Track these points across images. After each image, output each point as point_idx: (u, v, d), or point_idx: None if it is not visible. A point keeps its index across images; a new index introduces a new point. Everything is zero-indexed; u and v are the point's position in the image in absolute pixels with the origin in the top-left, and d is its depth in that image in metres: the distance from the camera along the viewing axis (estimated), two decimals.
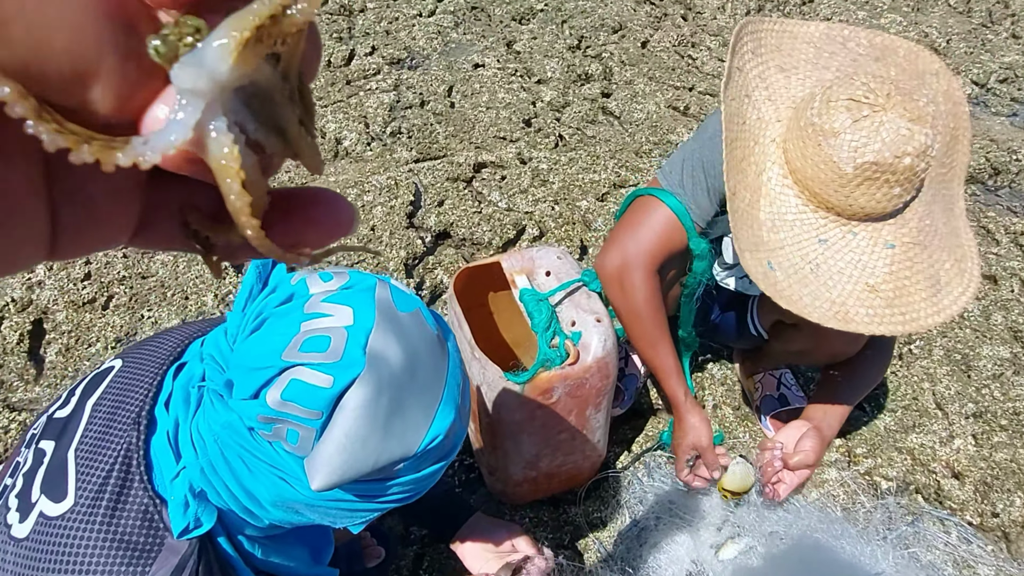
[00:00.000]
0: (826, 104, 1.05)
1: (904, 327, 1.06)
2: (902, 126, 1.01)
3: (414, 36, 3.11)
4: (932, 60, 1.22)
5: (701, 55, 3.25)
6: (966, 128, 1.22)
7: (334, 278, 0.80)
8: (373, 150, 2.54)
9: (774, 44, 1.19)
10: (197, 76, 0.19)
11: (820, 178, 1.05)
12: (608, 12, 3.44)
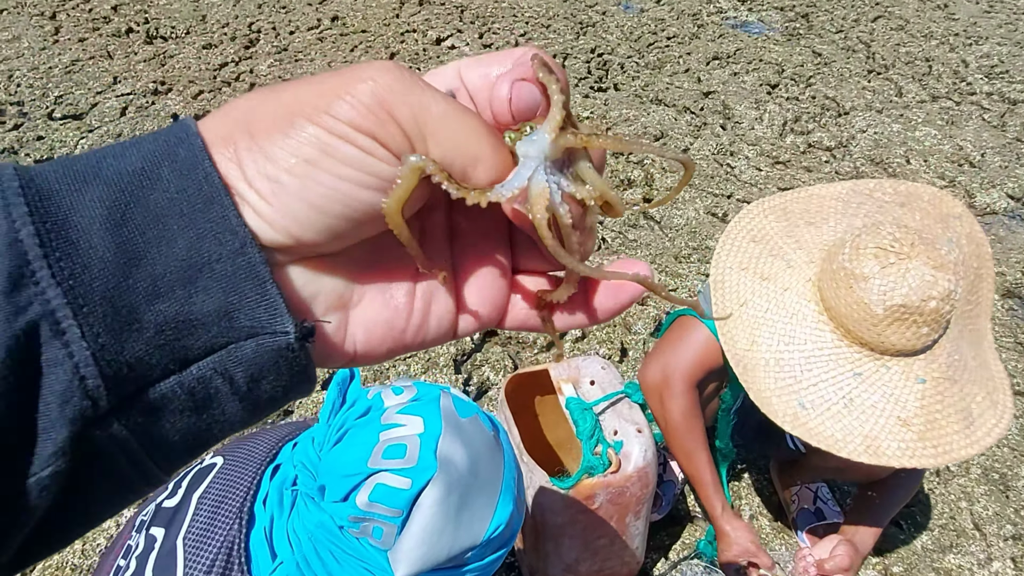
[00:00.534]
0: (856, 251, 1.17)
1: (936, 460, 1.13)
2: (927, 273, 1.12)
3: None
4: (955, 204, 1.34)
5: (739, 164, 3.42)
6: (989, 267, 1.32)
7: (404, 391, 0.95)
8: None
9: (801, 208, 1.33)
10: (529, 148, 0.31)
11: (854, 317, 1.16)
12: (650, 121, 3.66)
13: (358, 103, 0.28)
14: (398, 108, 0.28)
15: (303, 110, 0.28)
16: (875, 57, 4.68)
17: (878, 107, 4.06)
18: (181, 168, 0.27)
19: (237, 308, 0.28)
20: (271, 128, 0.28)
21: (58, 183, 0.26)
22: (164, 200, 0.27)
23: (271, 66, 3.78)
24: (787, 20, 5.19)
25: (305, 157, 0.28)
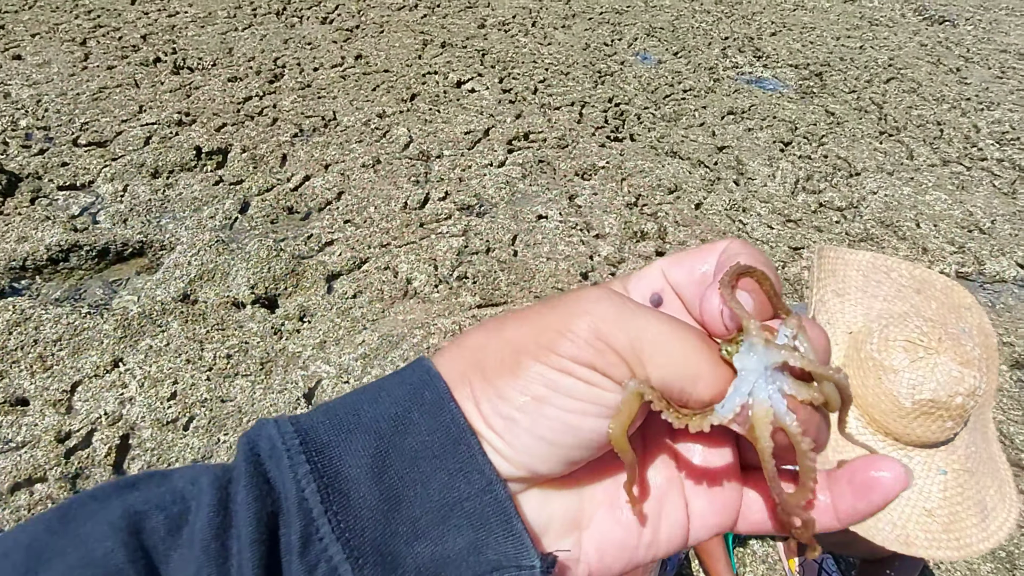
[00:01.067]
0: (885, 342, 1.19)
1: (959, 552, 1.13)
2: (954, 368, 1.13)
3: (484, 184, 3.41)
4: (965, 295, 1.36)
5: (751, 220, 3.46)
6: (995, 358, 1.33)
7: None
8: (440, 292, 2.74)
9: (828, 269, 1.35)
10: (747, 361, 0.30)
11: (881, 408, 1.17)
12: (665, 173, 3.71)
13: (577, 338, 0.30)
14: (615, 337, 0.30)
15: (528, 348, 0.31)
16: (887, 119, 4.75)
17: (889, 169, 4.11)
18: (429, 410, 0.31)
19: (485, 543, 0.30)
20: (501, 367, 0.31)
21: (327, 434, 0.30)
22: (418, 444, 0.30)
23: (294, 102, 3.86)
24: (801, 78, 5.28)
25: (534, 395, 0.30)
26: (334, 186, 3.22)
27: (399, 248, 2.92)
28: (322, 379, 2.33)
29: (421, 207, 3.20)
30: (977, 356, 1.16)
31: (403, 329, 2.54)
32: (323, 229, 2.97)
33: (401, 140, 3.65)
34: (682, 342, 0.31)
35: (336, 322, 2.55)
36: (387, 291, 2.71)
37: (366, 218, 3.07)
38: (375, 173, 3.37)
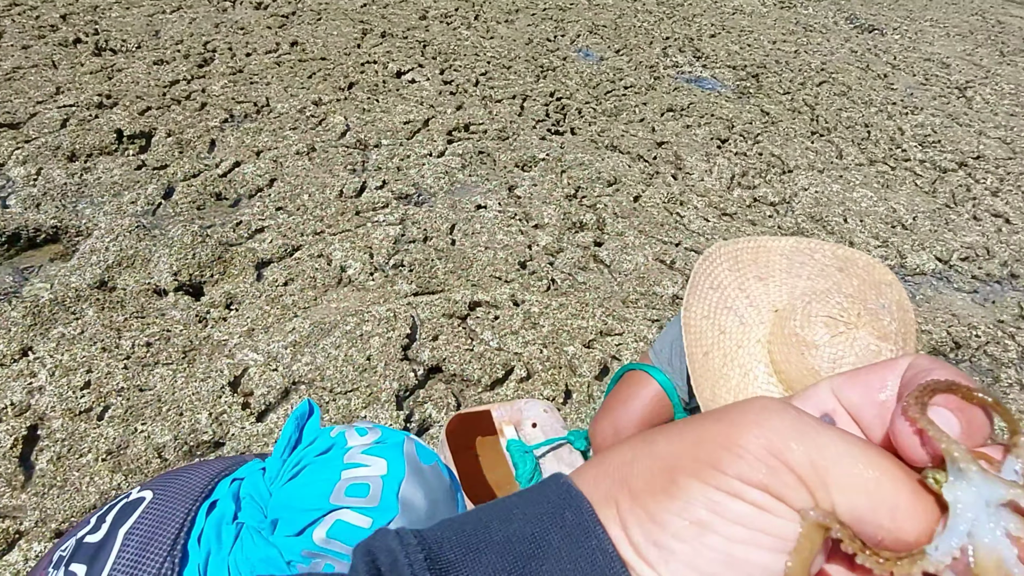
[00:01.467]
0: (807, 319, 1.20)
1: None
2: (872, 343, 1.15)
3: (423, 174, 3.35)
4: (886, 272, 1.39)
5: (688, 213, 3.50)
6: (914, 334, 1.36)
7: (368, 433, 0.94)
8: (375, 280, 2.68)
9: (750, 259, 1.36)
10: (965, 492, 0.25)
11: (803, 382, 1.18)
12: (604, 166, 3.73)
13: (747, 453, 0.26)
14: (792, 454, 0.25)
15: (685, 465, 0.27)
16: (818, 120, 4.90)
17: (820, 167, 4.24)
18: (571, 534, 0.27)
19: None
20: (653, 487, 0.27)
21: (453, 552, 0.27)
22: (556, 571, 0.26)
23: (225, 87, 3.73)
24: (739, 79, 5.40)
25: (694, 519, 0.26)
26: (266, 173, 3.12)
27: (333, 236, 2.85)
28: (249, 367, 2.24)
29: (357, 195, 3.13)
30: (894, 330, 1.18)
31: (336, 317, 2.46)
32: (253, 216, 2.86)
33: (338, 128, 3.56)
34: (876, 464, 0.26)
35: (265, 310, 2.46)
36: (320, 279, 2.63)
37: (299, 205, 2.98)
38: (310, 160, 3.28)
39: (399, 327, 2.43)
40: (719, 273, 1.34)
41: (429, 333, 2.47)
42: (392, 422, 2.15)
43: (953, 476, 0.25)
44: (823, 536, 0.25)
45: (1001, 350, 2.96)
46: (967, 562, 0.24)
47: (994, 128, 5.27)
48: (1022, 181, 4.49)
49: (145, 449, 1.97)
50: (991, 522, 0.25)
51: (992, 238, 3.80)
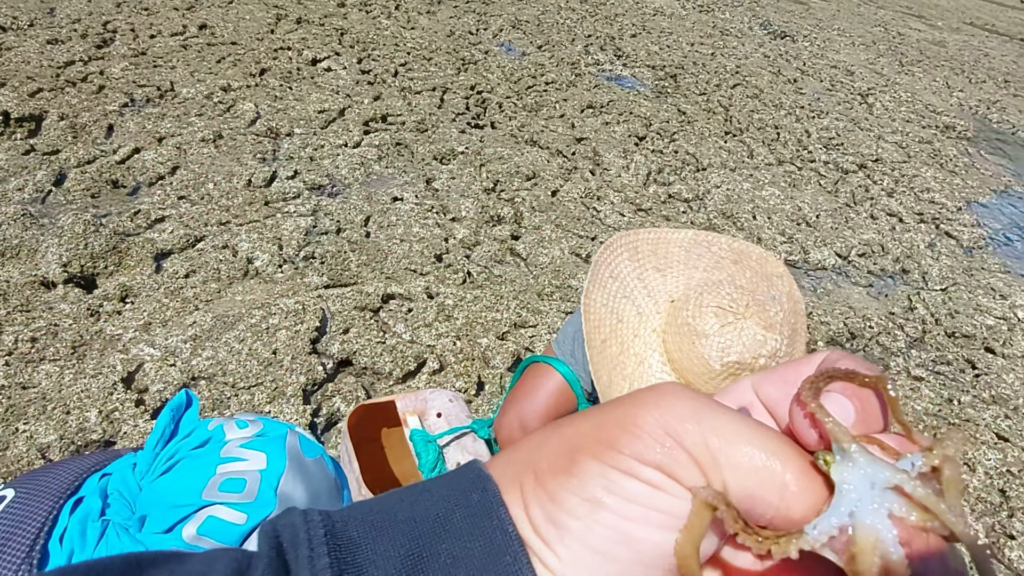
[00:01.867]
0: (699, 309, 1.23)
1: None
2: (758, 332, 1.19)
3: (337, 165, 3.28)
4: (778, 265, 1.44)
5: (604, 208, 3.56)
6: (803, 323, 1.42)
7: (249, 426, 0.90)
8: (284, 272, 2.60)
9: (650, 250, 1.38)
10: (851, 473, 0.25)
11: (694, 370, 1.21)
12: (523, 160, 3.75)
13: (643, 433, 0.26)
14: (687, 434, 0.26)
15: (585, 445, 0.27)
16: (732, 120, 5.08)
17: (732, 166, 4.39)
18: (475, 514, 0.27)
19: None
20: (555, 468, 0.28)
21: (356, 529, 0.27)
22: (456, 549, 0.26)
23: (125, 69, 3.53)
24: (657, 79, 5.53)
25: (588, 497, 0.26)
26: (168, 160, 2.98)
27: (240, 226, 2.74)
28: (145, 362, 2.13)
29: (267, 185, 3.03)
30: (780, 320, 1.23)
31: (241, 310, 2.37)
32: (153, 205, 2.73)
33: (247, 115, 3.44)
34: (765, 443, 0.26)
35: (164, 303, 2.35)
36: (224, 271, 2.53)
37: (204, 194, 2.85)
38: (216, 148, 3.15)
39: (308, 320, 2.36)
40: (619, 263, 1.36)
41: (340, 326, 2.41)
42: (298, 417, 2.09)
43: (840, 457, 0.26)
44: (712, 515, 0.25)
45: (891, 340, 3.14)
46: (845, 541, 0.25)
47: (891, 133, 5.59)
48: (915, 183, 4.78)
49: (27, 450, 1.84)
50: (875, 503, 0.25)
51: (887, 236, 4.03)
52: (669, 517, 0.26)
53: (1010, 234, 4.51)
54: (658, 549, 0.26)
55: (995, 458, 2.60)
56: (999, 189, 5.12)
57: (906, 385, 2.88)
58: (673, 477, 0.26)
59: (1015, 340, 3.34)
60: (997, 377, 3.05)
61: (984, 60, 8.85)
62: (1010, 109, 6.96)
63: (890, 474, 0.25)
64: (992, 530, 2.32)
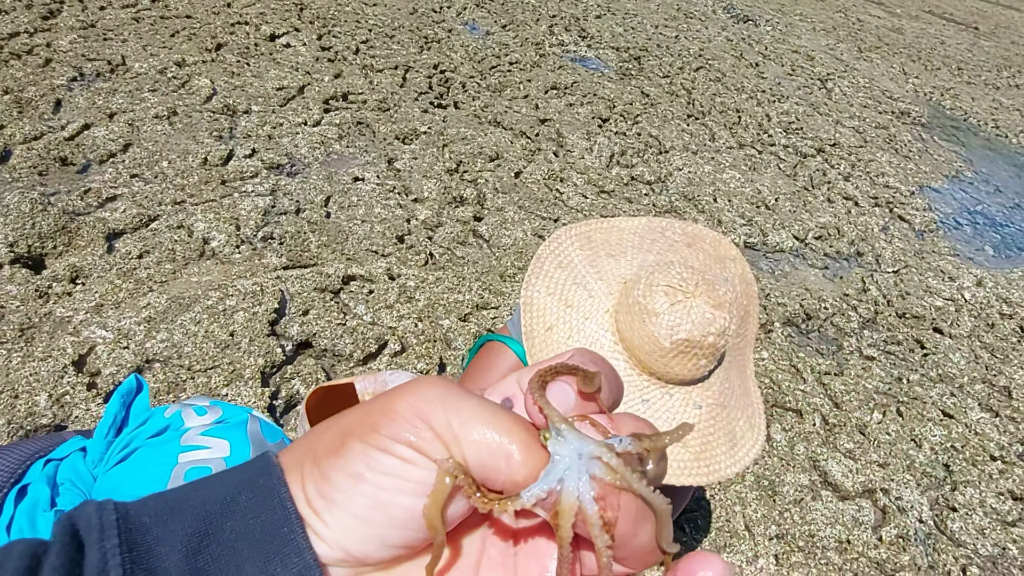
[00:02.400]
0: (649, 288, 1.24)
1: (707, 478, 1.22)
2: (707, 311, 1.20)
3: (296, 144, 3.22)
4: (730, 248, 1.47)
5: (568, 190, 3.57)
6: (755, 305, 1.45)
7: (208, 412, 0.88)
8: (242, 253, 2.56)
9: (603, 238, 1.39)
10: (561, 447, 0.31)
11: (645, 348, 1.22)
12: (487, 141, 3.73)
13: (397, 416, 0.31)
14: (434, 415, 0.31)
15: (354, 430, 0.32)
16: (694, 103, 5.11)
17: (694, 149, 4.43)
18: (259, 494, 0.30)
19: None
20: (329, 450, 0.32)
21: (148, 514, 0.29)
22: (240, 527, 0.30)
23: (73, 42, 3.41)
24: (621, 60, 5.53)
25: (351, 472, 0.31)
26: (120, 137, 2.89)
27: (196, 206, 2.68)
28: (97, 345, 2.08)
29: (224, 164, 2.96)
30: (729, 300, 1.25)
31: (197, 291, 2.33)
32: (104, 183, 2.65)
33: (203, 92, 3.35)
34: (496, 420, 0.32)
35: (117, 284, 2.29)
36: (180, 251, 2.48)
37: (157, 173, 2.78)
38: (170, 125, 3.07)
39: (266, 301, 2.33)
40: (569, 252, 1.37)
41: (299, 307, 2.39)
42: (257, 399, 2.07)
43: (554, 434, 0.32)
44: (453, 482, 0.30)
45: (845, 321, 3.22)
46: (552, 501, 0.31)
47: (849, 118, 5.69)
48: (871, 168, 4.89)
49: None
50: (579, 470, 0.31)
51: (843, 219, 4.12)
52: (419, 485, 0.31)
53: (960, 218, 4.65)
54: (409, 512, 0.31)
55: (940, 434, 2.70)
56: (950, 174, 5.27)
57: (858, 364, 2.96)
58: (422, 452, 0.31)
59: (962, 321, 3.46)
60: (944, 356, 3.16)
61: (940, 48, 9.05)
62: (963, 96, 7.14)
63: (594, 447, 0.31)
64: (936, 503, 2.42)
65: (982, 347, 3.30)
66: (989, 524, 2.37)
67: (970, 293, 3.73)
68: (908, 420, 2.73)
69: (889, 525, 2.27)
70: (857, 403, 2.73)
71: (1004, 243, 4.50)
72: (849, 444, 2.53)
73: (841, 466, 2.42)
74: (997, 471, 2.59)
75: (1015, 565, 2.26)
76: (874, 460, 2.50)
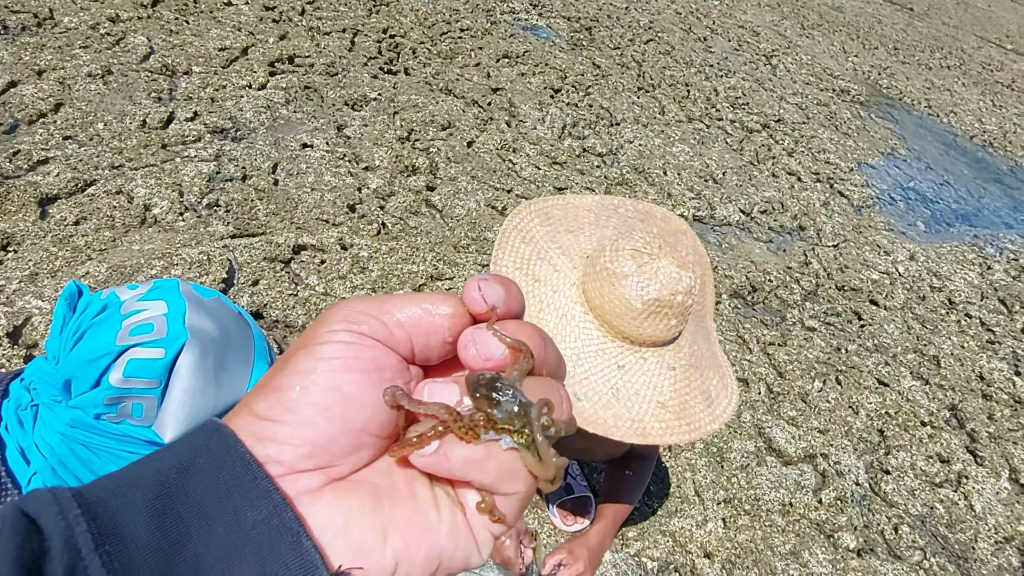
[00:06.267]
0: (616, 253, 1.25)
1: (691, 435, 1.26)
2: (673, 271, 1.23)
3: (241, 107, 3.10)
4: (680, 222, 1.50)
5: (520, 160, 3.55)
6: (709, 275, 1.49)
7: (140, 286, 0.92)
8: (186, 221, 2.46)
9: (560, 215, 1.40)
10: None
11: (616, 312, 1.24)
12: (439, 110, 3.67)
13: (334, 319, 0.34)
14: (366, 306, 0.34)
15: (300, 344, 0.34)
16: (645, 76, 5.14)
17: (644, 121, 4.46)
18: (215, 454, 0.30)
19: (275, 573, 0.29)
20: (278, 369, 0.33)
21: (104, 492, 0.29)
22: (202, 487, 0.29)
23: None
24: (573, 30, 5.50)
25: (301, 370, 0.33)
26: (50, 96, 2.72)
27: (135, 171, 2.56)
28: (32, 315, 1.98)
29: (164, 127, 2.83)
30: (692, 262, 1.28)
31: (139, 260, 2.24)
32: (35, 145, 2.50)
33: (140, 50, 3.18)
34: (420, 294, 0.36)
35: (52, 252, 2.18)
36: (119, 218, 2.36)
37: (92, 135, 2.64)
38: (105, 85, 2.91)
39: (214, 271, 2.26)
40: (530, 228, 1.37)
41: (248, 277, 2.32)
42: None
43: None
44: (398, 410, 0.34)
45: (788, 293, 3.33)
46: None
47: (792, 95, 5.82)
48: (813, 144, 5.02)
49: None
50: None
51: (786, 193, 4.24)
52: (367, 362, 0.33)
53: (894, 194, 4.84)
54: (363, 388, 0.33)
55: (875, 401, 2.84)
56: (886, 151, 5.46)
57: (800, 335, 3.08)
58: (363, 333, 0.34)
59: (896, 293, 3.62)
60: (880, 327, 3.31)
61: (877, 27, 9.32)
62: (899, 75, 7.39)
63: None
64: (871, 467, 2.55)
65: (914, 318, 3.47)
66: (919, 485, 2.51)
67: (903, 267, 3.90)
68: (846, 388, 2.86)
69: (828, 488, 2.38)
70: (799, 372, 2.84)
71: (934, 218, 4.72)
72: (792, 412, 2.63)
73: (784, 433, 2.52)
74: (927, 436, 2.75)
75: (941, 523, 2.41)
76: (815, 427, 2.61)
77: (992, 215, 5.10)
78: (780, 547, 2.15)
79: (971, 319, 3.62)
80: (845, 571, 2.13)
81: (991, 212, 5.14)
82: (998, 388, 3.14)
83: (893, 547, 2.28)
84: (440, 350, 0.36)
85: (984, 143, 6.43)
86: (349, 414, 0.33)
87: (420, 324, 0.35)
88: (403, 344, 0.35)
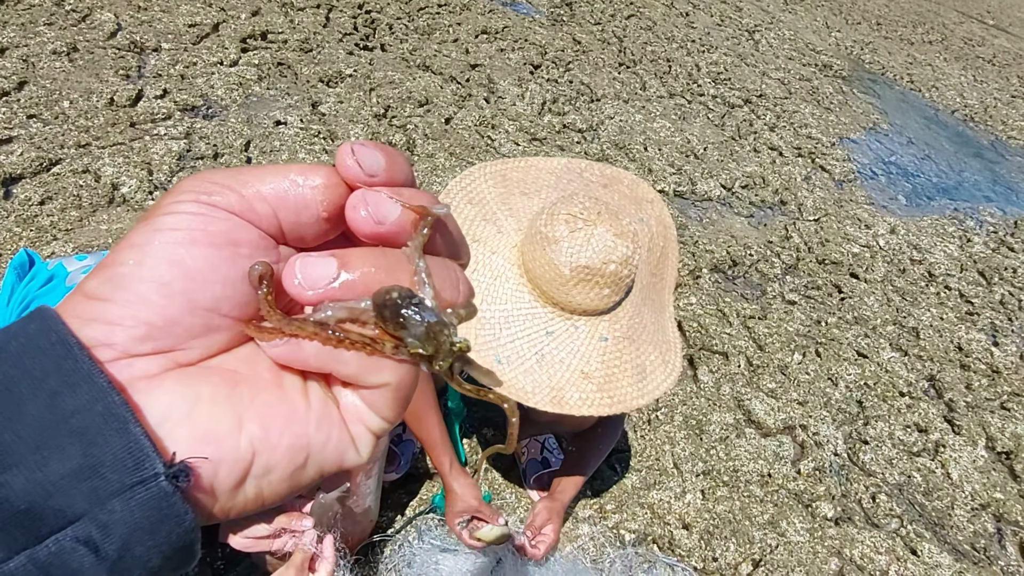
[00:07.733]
0: (551, 217, 1.23)
1: (610, 408, 1.23)
2: (608, 239, 1.20)
3: (212, 84, 3.04)
4: (648, 190, 1.47)
5: (499, 137, 3.51)
6: (674, 247, 1.46)
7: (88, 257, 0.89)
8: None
9: (519, 177, 1.37)
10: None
11: (546, 277, 1.21)
12: (416, 86, 3.61)
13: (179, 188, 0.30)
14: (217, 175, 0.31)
15: (142, 220, 0.30)
16: (626, 51, 5.09)
17: (625, 97, 4.42)
18: (32, 337, 0.27)
19: (100, 463, 0.26)
20: (115, 248, 0.30)
21: None
22: (12, 371, 0.26)
23: None
24: (553, 6, 5.43)
25: (136, 243, 0.29)
26: (13, 74, 2.65)
27: (102, 149, 2.51)
28: None
29: (132, 105, 2.77)
30: (633, 231, 1.24)
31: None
32: None
33: (107, 27, 3.10)
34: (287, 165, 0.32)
35: (16, 232, 2.13)
36: (86, 197, 2.31)
37: (58, 113, 2.57)
38: (71, 62, 2.84)
39: None
40: (481, 189, 1.34)
41: None
42: None
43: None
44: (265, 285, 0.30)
45: (769, 267, 3.33)
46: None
47: (775, 70, 5.80)
48: (794, 119, 5.01)
49: None
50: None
51: (768, 168, 4.23)
52: (215, 235, 0.30)
53: (876, 169, 4.84)
54: (209, 263, 0.29)
55: (855, 373, 2.85)
56: (868, 126, 5.46)
57: (780, 308, 3.08)
58: (212, 204, 0.30)
59: (876, 266, 3.63)
60: (860, 300, 3.32)
61: (860, 2, 9.29)
62: (881, 51, 7.38)
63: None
64: (850, 437, 2.56)
65: (894, 291, 3.48)
66: (897, 455, 2.53)
67: (884, 240, 3.91)
68: (826, 360, 2.87)
69: (807, 459, 2.39)
70: (779, 345, 2.84)
71: (915, 192, 4.72)
72: (771, 384, 2.64)
73: (764, 405, 2.52)
74: (905, 406, 2.76)
75: (919, 491, 2.43)
76: (794, 399, 2.62)
77: (972, 188, 5.11)
78: (758, 517, 2.15)
79: (950, 291, 3.64)
80: (822, 539, 2.14)
81: (971, 186, 5.15)
82: (976, 358, 3.16)
83: (870, 515, 2.29)
84: (315, 228, 0.32)
85: (965, 117, 6.44)
86: (194, 291, 0.29)
87: (287, 197, 0.31)
88: (267, 219, 0.31)
